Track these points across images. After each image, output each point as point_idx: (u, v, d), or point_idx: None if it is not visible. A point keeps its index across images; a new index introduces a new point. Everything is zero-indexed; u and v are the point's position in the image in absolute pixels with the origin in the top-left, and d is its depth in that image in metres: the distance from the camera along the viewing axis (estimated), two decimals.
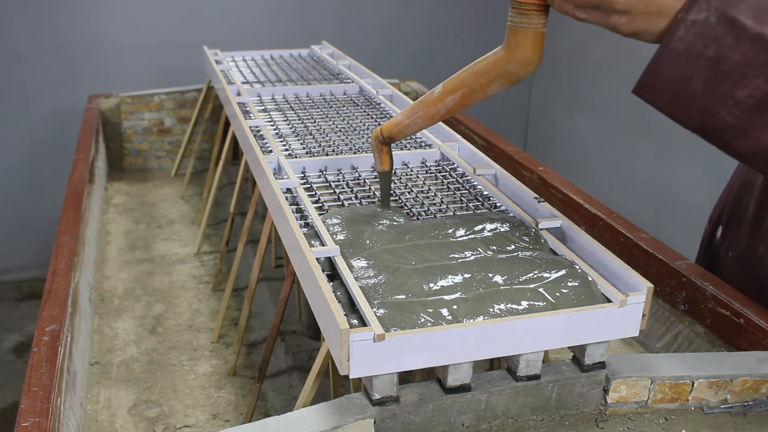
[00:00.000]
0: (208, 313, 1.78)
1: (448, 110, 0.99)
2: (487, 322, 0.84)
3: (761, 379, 0.94)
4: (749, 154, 0.81)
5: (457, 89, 0.96)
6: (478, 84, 0.94)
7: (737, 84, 0.76)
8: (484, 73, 0.93)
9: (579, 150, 3.95)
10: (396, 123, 1.05)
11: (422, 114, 1.01)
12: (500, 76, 0.92)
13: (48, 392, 1.03)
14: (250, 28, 3.75)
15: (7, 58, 3.51)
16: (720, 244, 1.39)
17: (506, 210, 1.15)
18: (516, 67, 0.90)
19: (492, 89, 0.94)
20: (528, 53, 0.89)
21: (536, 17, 0.87)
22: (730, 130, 0.79)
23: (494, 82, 0.93)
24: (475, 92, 0.95)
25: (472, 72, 0.94)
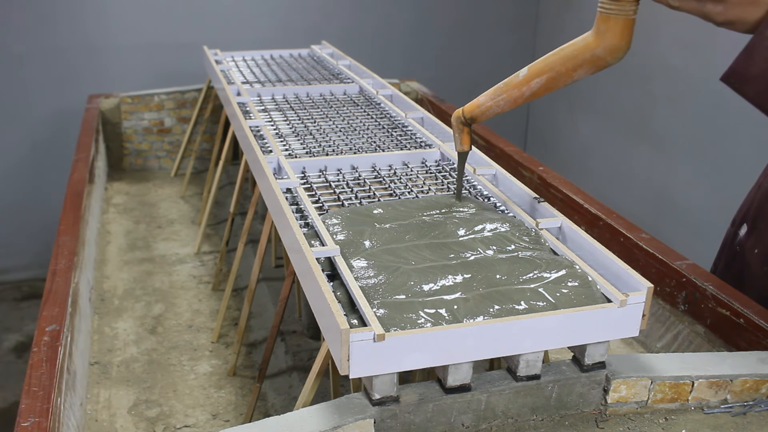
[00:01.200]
0: (208, 313, 1.78)
1: (532, 93, 1.00)
2: (487, 322, 0.84)
3: (761, 379, 0.94)
4: None
5: (543, 73, 0.98)
6: (564, 68, 0.96)
7: None
8: (572, 58, 0.95)
9: (579, 150, 3.95)
10: (478, 104, 1.06)
11: (506, 97, 1.03)
12: (588, 62, 0.93)
13: (48, 392, 1.03)
14: (250, 28, 3.75)
15: (8, 58, 3.51)
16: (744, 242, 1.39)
17: (506, 210, 1.15)
18: (604, 53, 0.91)
19: (578, 74, 0.95)
20: (617, 39, 0.90)
21: (628, 4, 0.88)
22: None
23: (581, 67, 0.94)
24: (561, 76, 0.97)
25: (560, 56, 0.96)
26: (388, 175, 1.31)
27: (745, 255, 1.38)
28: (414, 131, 1.55)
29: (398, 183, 1.27)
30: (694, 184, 3.07)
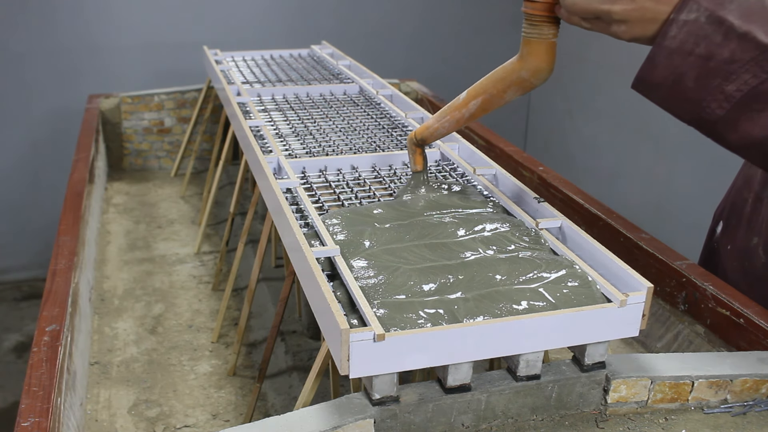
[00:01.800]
0: (208, 313, 1.78)
1: (471, 115, 1.06)
2: (487, 322, 0.84)
3: (761, 379, 0.94)
4: (741, 145, 0.85)
5: (478, 95, 1.04)
6: (495, 90, 1.01)
7: (726, 79, 0.80)
8: (501, 80, 1.00)
9: (579, 150, 3.95)
10: (427, 126, 1.13)
11: (449, 118, 1.09)
12: (514, 83, 0.98)
13: (48, 392, 1.03)
14: (250, 28, 3.75)
15: (8, 58, 3.51)
16: (720, 239, 1.41)
17: (506, 210, 1.15)
18: (528, 75, 0.96)
19: (508, 95, 1.00)
20: (539, 62, 0.95)
21: (546, 28, 0.93)
22: (721, 122, 0.83)
23: (509, 89, 0.99)
24: (494, 98, 1.02)
25: (491, 79, 1.01)
26: (388, 175, 1.31)
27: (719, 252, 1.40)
28: None
29: (398, 183, 1.27)
30: (695, 184, 3.07)
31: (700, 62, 0.81)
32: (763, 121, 0.81)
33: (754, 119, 0.81)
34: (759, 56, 0.79)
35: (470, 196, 1.17)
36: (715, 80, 0.81)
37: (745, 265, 1.31)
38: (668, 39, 0.83)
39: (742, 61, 0.79)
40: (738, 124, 0.82)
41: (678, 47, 0.82)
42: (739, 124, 0.82)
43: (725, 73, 0.80)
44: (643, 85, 0.88)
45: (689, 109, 0.85)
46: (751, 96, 0.80)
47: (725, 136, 0.84)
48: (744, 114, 0.81)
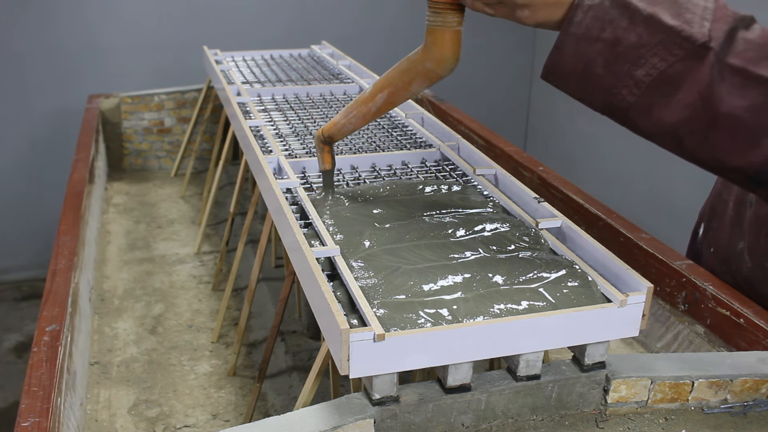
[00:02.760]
0: (208, 313, 1.78)
1: (378, 108, 1.02)
2: (487, 322, 0.84)
3: (761, 379, 0.94)
4: (655, 132, 0.83)
5: (384, 88, 1.00)
6: (401, 82, 0.98)
7: (635, 64, 0.78)
8: (407, 72, 0.96)
9: (579, 150, 3.95)
10: (334, 123, 1.09)
11: (356, 113, 1.05)
12: (420, 74, 0.95)
13: (48, 392, 1.03)
14: (250, 28, 3.75)
15: (8, 58, 3.51)
16: (702, 241, 1.41)
17: (506, 210, 1.15)
18: (433, 65, 0.93)
19: (414, 87, 0.97)
20: (444, 51, 0.91)
21: (450, 16, 0.90)
22: (633, 109, 0.81)
23: (415, 80, 0.96)
24: (399, 90, 0.98)
25: (397, 71, 0.98)
26: (388, 175, 1.31)
27: (703, 253, 1.40)
28: (414, 131, 1.55)
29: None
30: (694, 184, 3.07)
31: (607, 48, 0.79)
32: (674, 106, 0.79)
33: (665, 104, 0.79)
34: (665, 39, 0.77)
35: (470, 196, 1.17)
36: (623, 66, 0.79)
37: (732, 268, 1.31)
38: (574, 25, 0.80)
39: (650, 44, 0.77)
40: (650, 109, 0.80)
41: (584, 33, 0.80)
42: (651, 109, 0.80)
43: (633, 57, 0.78)
44: (553, 74, 0.85)
45: (600, 97, 0.82)
46: (661, 80, 0.78)
47: (638, 123, 0.82)
48: (656, 99, 0.79)
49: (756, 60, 0.78)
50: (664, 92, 0.78)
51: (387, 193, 1.17)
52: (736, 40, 0.78)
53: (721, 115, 0.78)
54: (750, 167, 0.81)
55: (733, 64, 0.78)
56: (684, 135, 0.81)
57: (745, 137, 0.79)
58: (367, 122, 1.05)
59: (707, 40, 0.77)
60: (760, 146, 0.79)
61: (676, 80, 0.78)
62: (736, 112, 0.78)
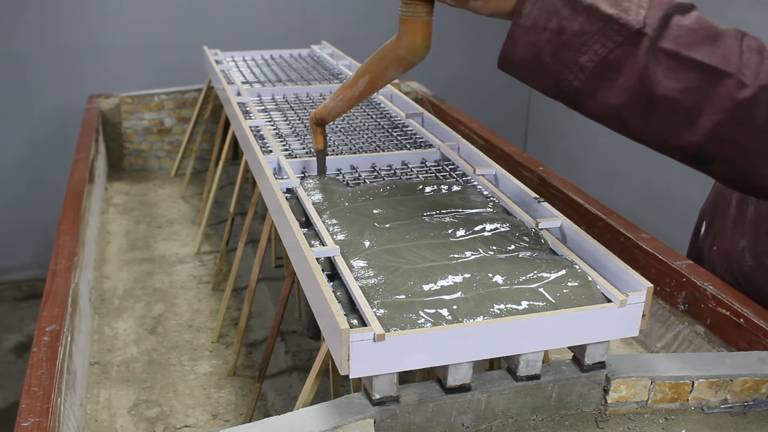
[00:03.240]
0: (208, 313, 1.78)
1: (361, 93, 1.10)
2: (487, 322, 0.84)
3: (761, 379, 0.94)
4: (601, 115, 0.88)
5: (365, 74, 1.08)
6: (379, 68, 1.06)
7: (579, 51, 0.83)
8: (383, 59, 1.05)
9: (579, 150, 3.95)
10: (324, 106, 1.17)
11: (342, 97, 1.13)
12: (394, 61, 1.03)
13: (48, 392, 1.03)
14: (250, 28, 3.75)
15: (8, 58, 3.51)
16: (704, 240, 1.41)
17: (506, 210, 1.15)
18: (405, 53, 1.00)
19: (390, 73, 1.05)
20: (414, 40, 0.99)
21: (420, 7, 0.97)
22: (579, 93, 0.85)
23: (390, 67, 1.04)
24: (378, 76, 1.07)
25: (375, 58, 1.06)
26: (388, 175, 1.31)
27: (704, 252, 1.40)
28: (414, 131, 1.55)
29: None
30: (695, 184, 3.07)
31: (553, 37, 0.84)
32: (615, 90, 0.83)
33: (608, 88, 0.83)
34: (605, 26, 0.81)
35: (470, 196, 1.17)
36: (569, 53, 0.83)
37: (734, 267, 1.31)
38: (523, 17, 0.85)
39: (591, 32, 0.82)
40: (595, 93, 0.84)
41: (533, 24, 0.85)
42: (596, 93, 0.84)
43: (577, 45, 0.83)
44: (507, 63, 0.90)
45: (550, 83, 0.87)
46: (603, 65, 0.82)
47: (585, 106, 0.87)
48: (599, 84, 0.84)
49: (689, 44, 0.82)
50: (607, 77, 0.83)
51: (387, 193, 1.17)
52: (671, 26, 0.82)
53: (658, 97, 0.82)
54: (690, 146, 0.86)
55: (666, 48, 0.82)
56: (627, 117, 0.86)
57: (681, 118, 0.84)
58: (352, 105, 1.14)
59: (642, 26, 0.81)
60: (697, 126, 0.84)
61: (617, 65, 0.82)
62: (671, 94, 0.82)
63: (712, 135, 0.84)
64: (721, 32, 0.84)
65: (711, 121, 0.83)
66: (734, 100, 0.81)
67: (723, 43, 0.83)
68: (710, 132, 0.84)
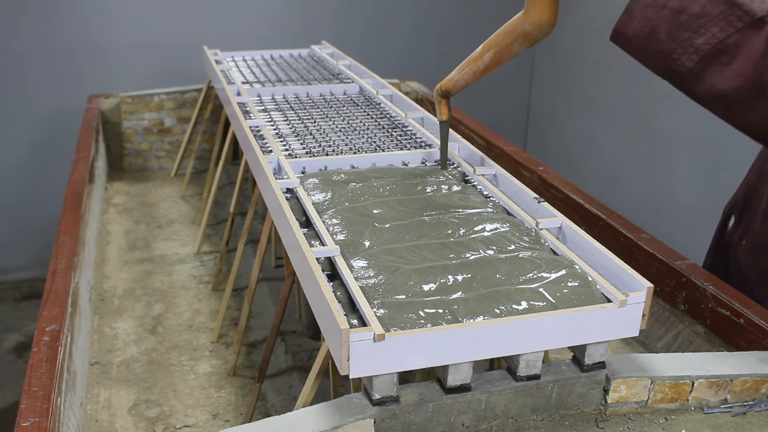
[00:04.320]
0: (208, 313, 1.78)
1: (486, 66, 1.12)
2: (487, 322, 0.84)
3: (761, 379, 0.94)
4: (707, 98, 0.88)
5: (491, 48, 1.10)
6: (504, 43, 1.07)
7: (696, 32, 0.84)
8: (508, 33, 1.06)
9: (579, 150, 3.95)
10: (450, 79, 1.19)
11: (467, 70, 1.15)
12: (520, 36, 1.04)
13: (48, 392, 1.03)
14: (250, 28, 3.75)
15: (8, 58, 3.51)
16: (732, 234, 1.41)
17: (506, 210, 1.15)
18: (531, 28, 1.01)
19: (515, 48, 1.06)
20: (540, 15, 0.99)
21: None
22: (690, 74, 0.87)
23: (516, 41, 1.05)
24: (503, 50, 1.08)
25: (502, 32, 1.07)
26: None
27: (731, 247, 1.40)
28: (414, 131, 1.55)
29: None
30: (695, 184, 3.07)
31: (672, 15, 0.84)
32: (727, 74, 0.84)
33: (720, 72, 0.84)
34: (727, 11, 0.82)
35: (470, 196, 1.17)
36: (685, 33, 0.84)
37: (760, 259, 1.31)
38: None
39: (711, 15, 0.83)
40: (705, 76, 0.85)
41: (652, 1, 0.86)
42: (706, 76, 0.85)
43: (695, 26, 0.83)
44: (620, 37, 0.91)
45: (661, 61, 0.88)
46: (719, 49, 0.83)
47: (693, 88, 0.88)
48: (711, 67, 0.85)
49: None
50: (721, 60, 0.84)
51: (387, 193, 1.17)
52: None
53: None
54: None
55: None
56: (734, 103, 0.86)
57: None
58: (477, 78, 1.15)
59: (766, 14, 0.82)
60: None
61: (733, 50, 0.83)
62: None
63: None
64: None
65: None
66: None
67: None
68: None
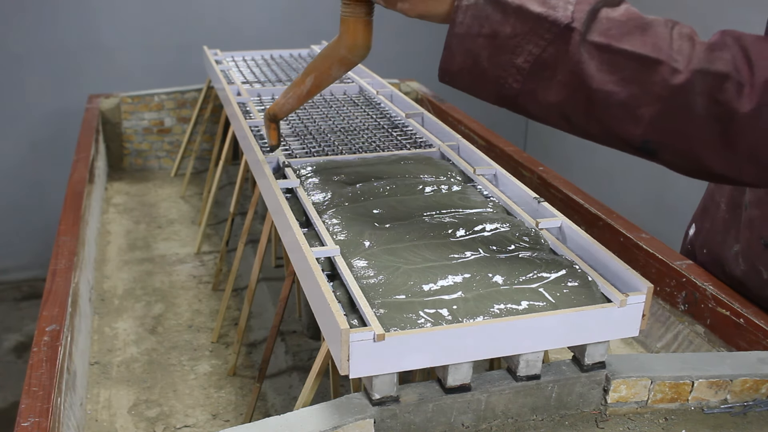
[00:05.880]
0: (208, 313, 1.78)
1: (308, 91, 1.13)
2: (487, 322, 0.84)
3: (761, 379, 0.94)
4: (544, 114, 0.87)
5: (310, 72, 1.10)
6: (323, 67, 1.08)
7: (514, 53, 0.84)
8: (327, 57, 1.07)
9: (579, 150, 3.95)
10: (276, 102, 1.19)
11: (292, 94, 1.15)
12: (337, 60, 1.05)
13: (48, 392, 1.03)
14: (250, 28, 3.75)
15: (8, 58, 3.51)
16: (694, 242, 1.42)
17: (506, 210, 1.15)
18: (346, 52, 1.03)
19: (333, 72, 1.07)
20: (354, 39, 1.01)
21: (359, 7, 0.99)
22: (521, 95, 0.86)
23: (333, 66, 1.06)
24: (323, 74, 1.09)
25: (320, 57, 1.08)
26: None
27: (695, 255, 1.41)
28: (414, 131, 1.55)
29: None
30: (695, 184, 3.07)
31: (488, 42, 0.84)
32: (555, 87, 0.83)
33: (548, 87, 0.84)
34: (535, 26, 0.82)
35: (470, 196, 1.17)
36: (505, 56, 0.84)
37: (725, 270, 1.32)
38: (457, 25, 0.85)
39: (522, 33, 0.82)
40: (536, 94, 0.85)
41: (467, 32, 0.85)
42: (536, 93, 0.85)
43: (511, 47, 0.83)
44: (447, 74, 0.90)
45: (491, 89, 0.87)
46: (539, 65, 0.83)
47: (528, 108, 0.87)
48: (538, 83, 0.84)
49: (618, 36, 0.82)
50: (544, 75, 0.83)
51: (387, 193, 1.17)
52: (599, 19, 0.83)
53: (594, 91, 0.82)
54: (634, 138, 0.85)
55: (597, 41, 0.82)
56: (570, 114, 0.86)
57: (621, 110, 0.83)
58: (302, 103, 1.15)
59: (570, 21, 0.81)
60: (637, 117, 0.83)
61: (551, 63, 0.83)
62: (607, 87, 0.82)
63: (653, 125, 0.83)
64: (650, 21, 0.84)
65: (650, 111, 0.82)
66: (669, 87, 0.81)
67: (653, 32, 0.82)
68: (651, 122, 0.83)
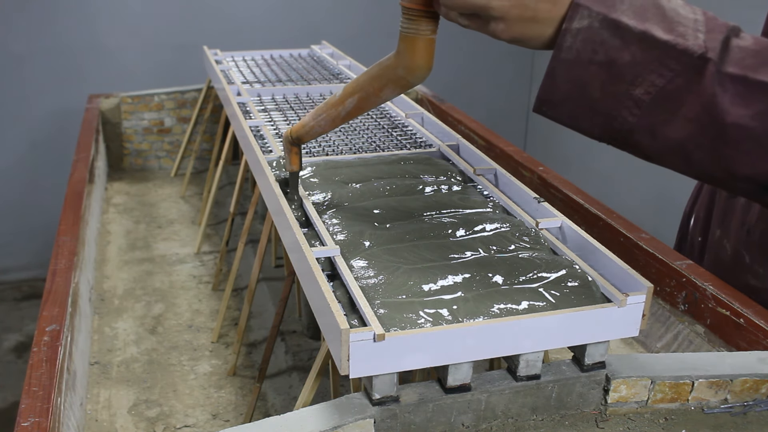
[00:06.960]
0: (208, 313, 1.78)
1: (347, 113, 0.99)
2: (487, 322, 0.84)
3: (761, 379, 0.94)
4: (662, 152, 0.81)
5: (354, 93, 0.97)
6: (372, 88, 0.95)
7: (632, 83, 0.76)
8: (378, 78, 0.93)
9: (579, 150, 3.95)
10: (303, 125, 1.06)
11: (325, 116, 1.02)
12: (391, 81, 0.92)
13: (48, 392, 1.03)
14: (250, 28, 3.75)
15: (7, 58, 3.51)
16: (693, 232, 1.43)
17: (506, 210, 1.15)
18: (405, 73, 0.90)
19: (384, 94, 0.94)
20: (416, 59, 0.88)
21: (424, 24, 0.87)
22: (636, 131, 0.78)
23: (386, 87, 0.93)
24: (370, 96, 0.95)
25: (368, 76, 0.95)
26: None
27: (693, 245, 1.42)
28: (414, 131, 1.55)
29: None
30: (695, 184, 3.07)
31: (602, 70, 0.76)
32: (678, 122, 0.77)
33: (670, 121, 0.77)
34: (661, 55, 0.75)
35: (470, 196, 1.17)
36: (621, 86, 0.76)
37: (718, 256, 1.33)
38: (564, 51, 0.77)
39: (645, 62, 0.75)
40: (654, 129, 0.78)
41: (576, 58, 0.77)
42: (655, 129, 0.78)
43: (630, 76, 0.76)
44: (547, 105, 0.82)
45: (600, 122, 0.79)
46: (662, 97, 0.76)
47: (642, 144, 0.80)
48: (657, 117, 0.77)
49: (754, 67, 0.76)
50: (667, 109, 0.76)
51: (387, 193, 1.17)
52: (731, 48, 0.77)
53: (728, 125, 0.76)
54: (762, 176, 0.79)
55: (732, 72, 0.76)
56: (692, 151, 0.79)
57: (754, 146, 0.77)
58: (336, 126, 1.03)
59: (704, 51, 0.75)
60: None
61: (677, 95, 0.76)
62: (742, 122, 0.76)
63: None
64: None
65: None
66: None
67: None
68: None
